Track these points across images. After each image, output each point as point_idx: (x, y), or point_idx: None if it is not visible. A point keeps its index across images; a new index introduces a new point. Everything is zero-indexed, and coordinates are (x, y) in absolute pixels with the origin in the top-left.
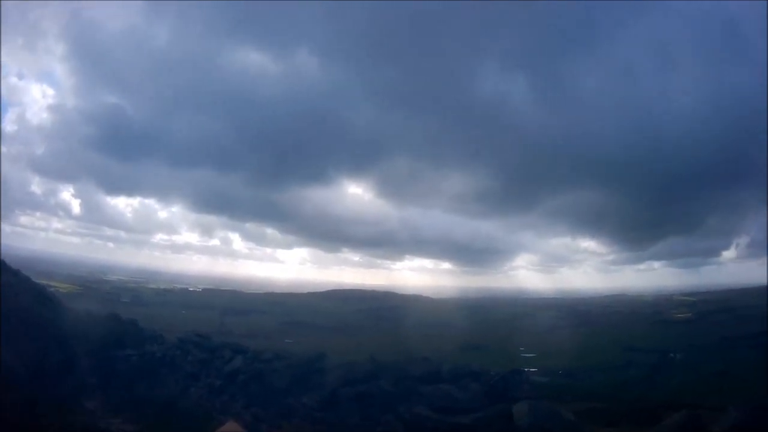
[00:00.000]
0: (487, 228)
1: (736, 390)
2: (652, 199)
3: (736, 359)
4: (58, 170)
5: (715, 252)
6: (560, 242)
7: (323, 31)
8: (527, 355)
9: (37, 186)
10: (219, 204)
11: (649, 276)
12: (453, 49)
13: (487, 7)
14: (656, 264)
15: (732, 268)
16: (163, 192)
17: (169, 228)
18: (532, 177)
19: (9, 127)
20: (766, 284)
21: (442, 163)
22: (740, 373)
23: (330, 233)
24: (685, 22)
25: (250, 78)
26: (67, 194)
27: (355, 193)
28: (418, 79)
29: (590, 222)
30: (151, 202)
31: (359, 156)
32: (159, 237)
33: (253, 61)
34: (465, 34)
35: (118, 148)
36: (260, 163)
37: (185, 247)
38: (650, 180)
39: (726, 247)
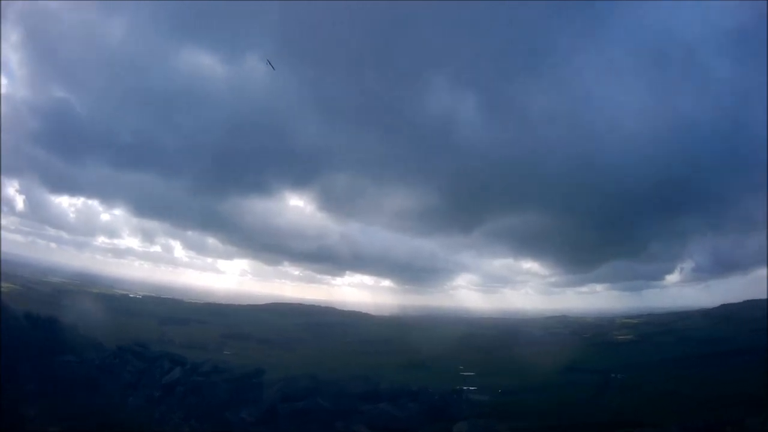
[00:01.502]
0: (428, 246)
1: (678, 410)
2: (596, 223)
3: (679, 380)
4: (3, 163)
5: (658, 276)
6: (502, 263)
7: (276, 37)
8: (467, 373)
9: None
10: (161, 210)
11: (591, 298)
12: (403, 64)
13: (440, 24)
14: (599, 287)
15: (675, 291)
16: (106, 194)
17: (111, 231)
18: (475, 197)
19: None
20: (708, 308)
21: (386, 179)
22: (682, 393)
23: (271, 246)
24: (639, 49)
25: (199, 80)
26: (12, 189)
27: (297, 206)
28: (367, 92)
29: (533, 244)
30: (94, 204)
31: (303, 168)
32: (101, 240)
33: (203, 63)
34: (416, 49)
35: (63, 145)
36: (204, 169)
37: (127, 252)
38: (595, 204)
39: (670, 271)
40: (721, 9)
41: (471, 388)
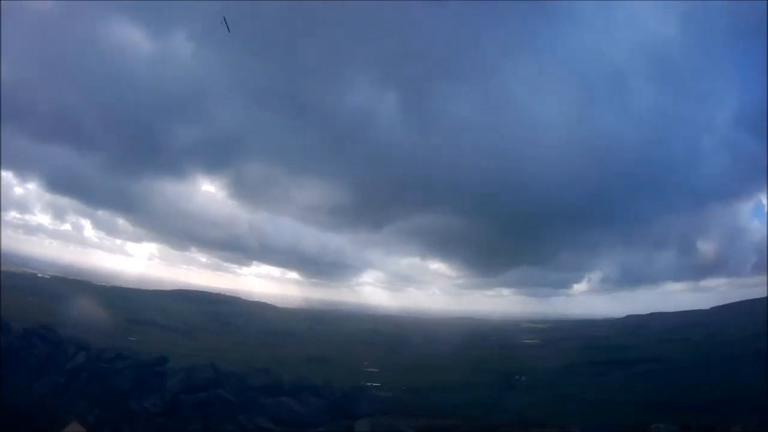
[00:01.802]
0: (336, 241)
1: (580, 413)
2: (507, 229)
3: (582, 384)
4: None
5: (566, 284)
6: (410, 262)
7: (205, 17)
8: (371, 370)
9: None
10: (75, 186)
11: (498, 302)
12: (328, 57)
13: (368, 21)
14: (506, 291)
15: (582, 300)
16: (21, 166)
17: (24, 206)
18: (387, 195)
19: None
20: (614, 317)
21: (299, 170)
22: (585, 397)
23: (180, 231)
24: (567, 66)
25: (123, 54)
26: None
27: (209, 192)
28: (289, 82)
29: (442, 245)
30: (7, 176)
31: (218, 153)
32: (12, 215)
33: (130, 37)
34: (342, 43)
35: None
36: (120, 147)
37: (37, 229)
38: (508, 210)
39: (578, 281)
40: (652, 36)
41: (375, 384)
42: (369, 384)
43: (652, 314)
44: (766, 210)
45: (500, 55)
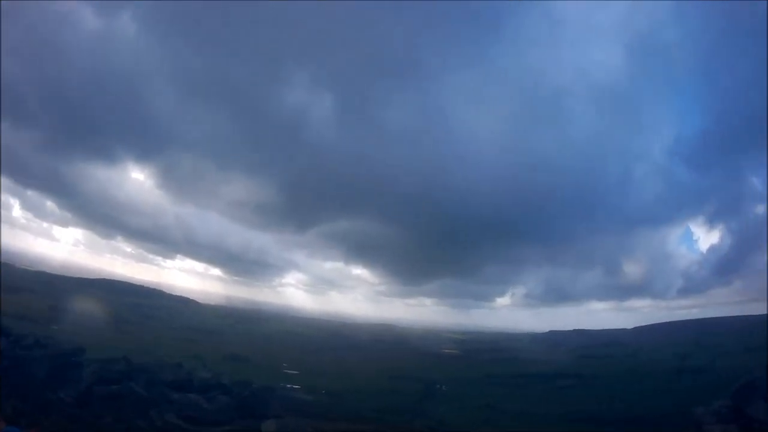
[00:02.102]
0: (261, 240)
1: (500, 424)
2: (433, 239)
3: (502, 396)
4: None
5: (489, 297)
6: (333, 266)
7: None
8: (291, 371)
9: None
10: (6, 163)
11: (419, 311)
12: (268, 53)
13: (312, 19)
14: (428, 300)
15: (504, 314)
16: None
17: None
18: (315, 197)
19: None
20: (537, 332)
21: (229, 165)
22: (505, 408)
23: (107, 218)
24: (510, 84)
25: (69, 28)
26: None
27: (138, 180)
28: (226, 75)
29: (366, 251)
30: None
31: (150, 141)
32: None
33: (76, 10)
34: (284, 39)
35: None
36: (52, 124)
37: None
38: (435, 221)
39: (501, 294)
40: (597, 62)
41: (295, 387)
42: (289, 386)
43: (574, 331)
44: (694, 237)
45: (442, 66)
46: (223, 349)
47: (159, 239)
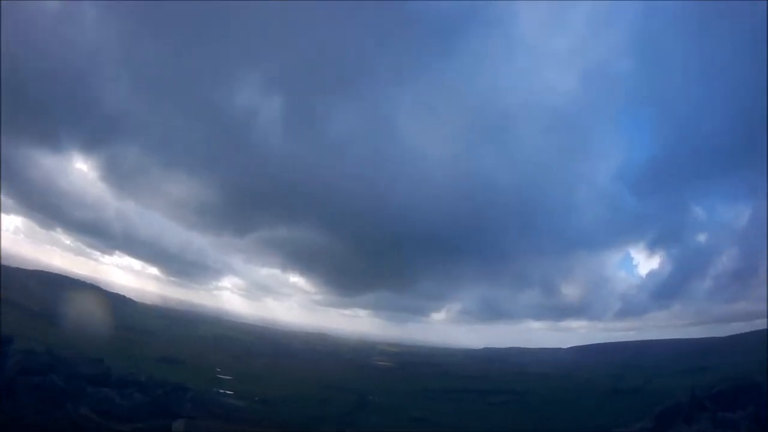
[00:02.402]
0: (199, 242)
1: None
2: (371, 251)
3: (435, 410)
4: None
5: (425, 312)
6: (270, 272)
7: None
8: (225, 377)
9: None
10: None
11: (354, 321)
12: (222, 50)
13: (269, 22)
14: (363, 312)
15: (439, 328)
16: None
17: None
18: (256, 201)
19: None
20: (472, 348)
21: (174, 163)
22: (438, 421)
23: (48, 207)
24: (459, 104)
25: (28, 9)
26: None
27: (81, 170)
28: (179, 70)
29: (304, 259)
30: None
31: (97, 130)
32: None
33: None
34: (239, 38)
35: None
36: (3, 107)
37: None
38: (375, 233)
39: (437, 310)
40: (550, 87)
41: (228, 392)
42: (222, 391)
43: (510, 348)
44: (634, 262)
45: (393, 78)
46: (157, 350)
47: (99, 233)
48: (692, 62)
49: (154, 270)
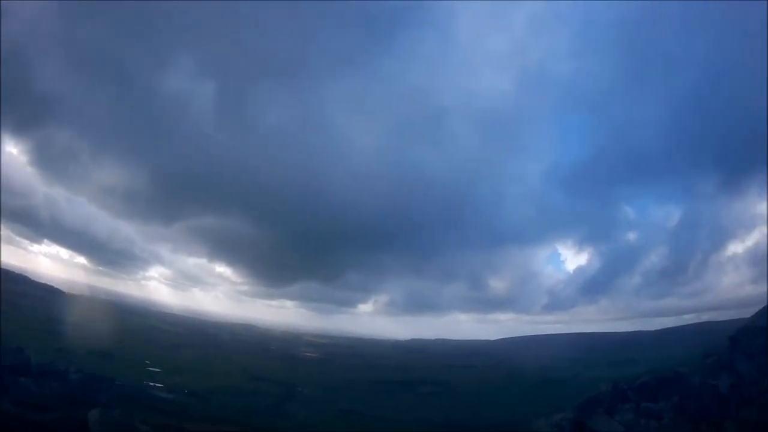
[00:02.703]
0: (127, 230)
1: (359, 428)
2: (298, 242)
3: (364, 401)
4: None
5: (351, 303)
6: (196, 262)
7: None
8: (154, 369)
9: None
10: None
11: (280, 312)
12: (155, 33)
13: (205, 5)
14: (289, 303)
15: (366, 320)
16: None
17: None
18: (184, 189)
19: None
20: (399, 340)
21: (103, 148)
22: (367, 413)
23: None
24: (395, 98)
25: None
26: None
27: (11, 154)
28: (113, 52)
29: (230, 249)
30: None
31: (29, 113)
32: None
33: None
34: (174, 21)
35: None
36: None
37: None
38: (302, 224)
39: (363, 301)
40: (485, 86)
41: (158, 385)
42: (152, 384)
43: (437, 340)
44: (562, 258)
45: (328, 71)
46: (87, 343)
47: (27, 221)
48: (629, 67)
49: (82, 259)
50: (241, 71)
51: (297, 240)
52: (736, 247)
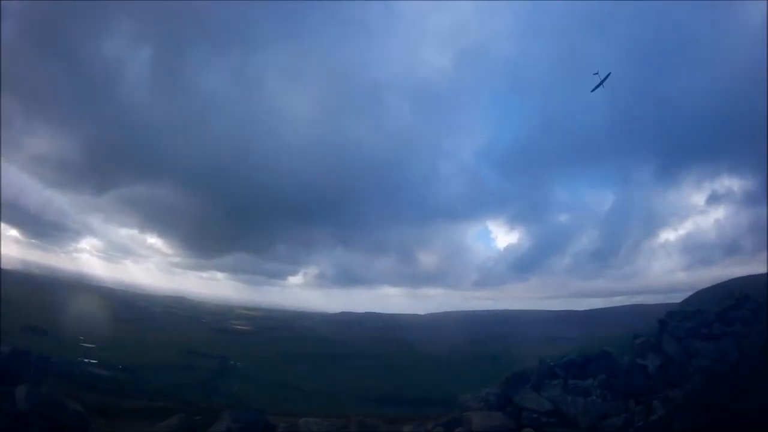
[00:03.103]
0: (59, 201)
1: (295, 400)
2: (228, 213)
3: (296, 373)
4: None
5: (281, 275)
6: (128, 233)
7: None
8: (88, 345)
9: None
10: None
11: (211, 284)
12: None
13: None
14: (220, 275)
15: (296, 292)
16: None
17: None
18: (116, 157)
19: None
20: (329, 312)
21: (36, 113)
22: (300, 385)
23: None
24: (333, 64)
25: None
26: None
27: None
28: (49, 14)
29: (161, 220)
30: None
31: None
32: None
33: None
34: None
35: None
36: None
37: None
38: (232, 194)
39: (293, 273)
40: (423, 62)
41: (93, 361)
42: (87, 360)
43: (367, 313)
44: (492, 235)
45: (264, 39)
46: (20, 319)
47: None
48: (573, 53)
49: (14, 232)
50: (176, 38)
51: (228, 210)
52: (668, 235)
